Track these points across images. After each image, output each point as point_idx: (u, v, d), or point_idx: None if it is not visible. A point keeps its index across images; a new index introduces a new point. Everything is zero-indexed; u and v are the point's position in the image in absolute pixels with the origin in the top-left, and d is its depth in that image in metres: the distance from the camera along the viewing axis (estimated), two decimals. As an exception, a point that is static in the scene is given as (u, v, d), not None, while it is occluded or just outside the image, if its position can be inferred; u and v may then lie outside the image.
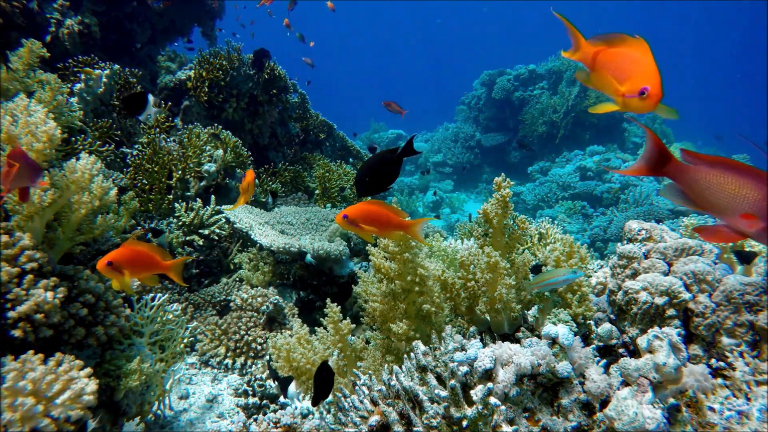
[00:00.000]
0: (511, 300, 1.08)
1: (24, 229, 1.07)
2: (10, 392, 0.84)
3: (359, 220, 1.05)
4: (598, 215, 5.42)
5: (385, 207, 1.07)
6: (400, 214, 1.06)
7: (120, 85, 2.80)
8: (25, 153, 0.96)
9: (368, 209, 1.06)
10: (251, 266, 2.35)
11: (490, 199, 1.19)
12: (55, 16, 2.94)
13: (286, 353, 1.31)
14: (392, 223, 1.05)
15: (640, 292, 1.04)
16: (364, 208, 1.06)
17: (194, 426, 1.59)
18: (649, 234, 1.18)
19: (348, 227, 1.06)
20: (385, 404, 0.93)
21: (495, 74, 8.07)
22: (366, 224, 1.05)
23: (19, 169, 0.92)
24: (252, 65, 3.32)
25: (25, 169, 0.94)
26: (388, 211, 1.06)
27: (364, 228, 1.05)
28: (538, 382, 0.96)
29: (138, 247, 1.07)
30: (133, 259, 1.05)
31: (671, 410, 0.90)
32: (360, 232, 1.07)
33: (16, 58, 1.79)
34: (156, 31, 3.72)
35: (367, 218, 1.05)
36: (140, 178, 2.47)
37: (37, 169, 0.97)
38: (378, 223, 1.05)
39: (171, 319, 1.53)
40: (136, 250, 1.06)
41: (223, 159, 2.73)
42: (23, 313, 0.98)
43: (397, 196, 6.07)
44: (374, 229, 1.05)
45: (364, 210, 1.06)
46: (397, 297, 1.21)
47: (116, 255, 1.03)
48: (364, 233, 1.07)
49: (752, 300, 0.96)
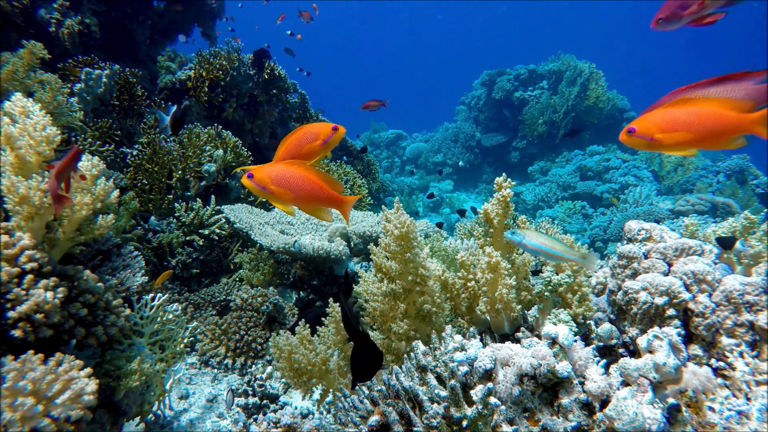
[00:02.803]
0: (512, 300, 1.08)
1: (24, 229, 1.07)
2: (10, 392, 0.84)
3: (270, 182, 0.84)
4: (598, 215, 5.42)
5: (314, 173, 0.87)
6: (335, 186, 0.87)
7: (120, 85, 2.80)
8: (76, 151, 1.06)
9: (286, 171, 0.84)
10: (251, 266, 2.35)
11: (490, 199, 1.19)
12: (55, 16, 2.94)
13: (288, 353, 1.31)
14: (321, 194, 0.86)
15: (640, 292, 1.04)
16: (281, 168, 0.85)
17: (194, 426, 1.59)
18: (649, 234, 1.18)
19: (254, 189, 0.85)
20: (385, 404, 0.93)
21: (495, 74, 8.07)
22: (280, 188, 0.84)
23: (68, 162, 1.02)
24: (252, 65, 3.32)
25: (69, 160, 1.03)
26: (317, 178, 0.86)
27: (275, 193, 0.84)
28: (538, 382, 0.96)
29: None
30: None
31: (671, 410, 0.90)
32: (271, 198, 0.87)
33: (17, 59, 1.79)
34: (156, 31, 3.72)
35: (282, 181, 0.84)
36: (140, 178, 2.47)
37: (77, 157, 1.06)
38: (299, 189, 0.85)
39: (171, 319, 1.53)
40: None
41: (223, 159, 2.73)
42: (23, 313, 0.98)
43: (397, 195, 6.07)
44: (289, 194, 0.85)
45: (280, 171, 0.84)
46: (397, 297, 1.21)
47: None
48: (277, 200, 0.86)
49: (752, 300, 0.96)
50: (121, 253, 1.45)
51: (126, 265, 1.43)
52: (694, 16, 1.02)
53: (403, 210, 1.19)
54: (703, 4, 1.00)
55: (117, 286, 1.36)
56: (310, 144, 0.98)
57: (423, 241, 1.30)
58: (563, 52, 7.61)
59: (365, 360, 0.85)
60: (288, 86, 3.66)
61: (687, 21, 1.04)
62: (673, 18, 1.05)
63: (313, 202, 0.88)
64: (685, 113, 0.82)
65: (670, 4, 1.04)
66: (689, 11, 1.02)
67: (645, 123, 0.86)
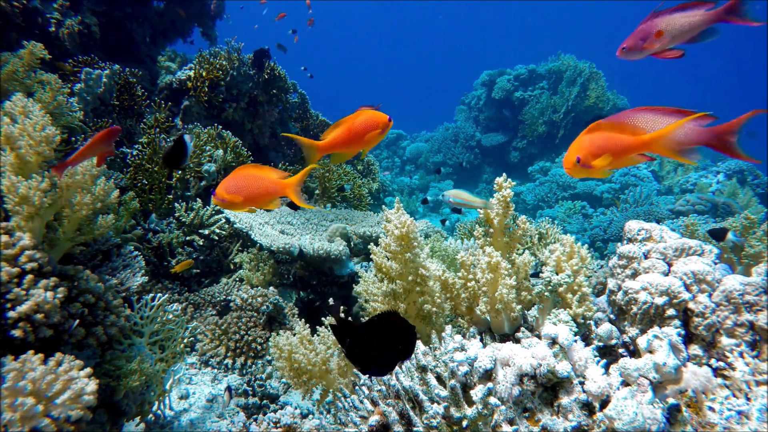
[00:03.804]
0: (512, 300, 1.08)
1: (24, 229, 1.07)
2: (10, 392, 0.84)
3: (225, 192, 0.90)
4: (598, 215, 5.42)
5: (253, 167, 0.94)
6: (278, 173, 0.93)
7: (120, 85, 2.80)
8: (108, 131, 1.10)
9: (233, 176, 0.91)
10: (251, 266, 2.35)
11: (491, 199, 1.19)
12: (55, 16, 2.94)
13: (288, 353, 1.31)
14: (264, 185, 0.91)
15: (640, 292, 1.04)
16: (229, 176, 0.92)
17: (194, 426, 1.59)
18: (649, 234, 1.18)
19: (219, 204, 0.93)
20: (385, 404, 0.93)
21: (495, 74, 8.07)
22: (232, 194, 0.90)
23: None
24: (252, 65, 3.32)
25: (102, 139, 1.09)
26: (257, 171, 0.92)
27: (230, 200, 0.91)
28: (538, 382, 0.96)
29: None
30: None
31: (671, 410, 0.90)
32: (231, 207, 0.94)
33: (17, 59, 1.79)
34: (156, 31, 3.72)
35: (232, 188, 0.91)
36: (140, 178, 2.47)
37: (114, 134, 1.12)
38: (245, 188, 0.90)
39: (171, 319, 1.53)
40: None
41: (223, 159, 2.73)
42: (23, 313, 0.98)
43: (397, 195, 6.06)
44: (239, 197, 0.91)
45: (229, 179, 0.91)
46: (397, 297, 1.21)
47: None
48: (236, 207, 0.93)
49: (752, 300, 0.96)
50: (121, 253, 1.45)
51: (126, 265, 1.43)
52: (654, 50, 1.10)
53: (403, 210, 1.19)
54: (659, 39, 1.07)
55: (117, 286, 1.36)
56: (372, 132, 1.03)
57: (423, 241, 1.30)
58: (563, 52, 7.61)
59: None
60: (288, 86, 3.66)
61: (649, 53, 1.11)
62: (635, 49, 1.11)
63: (262, 196, 0.93)
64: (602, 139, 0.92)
65: (635, 34, 1.11)
66: (647, 46, 1.09)
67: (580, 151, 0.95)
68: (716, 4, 1.02)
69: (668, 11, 1.06)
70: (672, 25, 1.05)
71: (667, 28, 1.06)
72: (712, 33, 1.04)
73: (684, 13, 1.04)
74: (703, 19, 1.03)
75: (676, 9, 1.05)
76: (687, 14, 1.04)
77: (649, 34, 1.08)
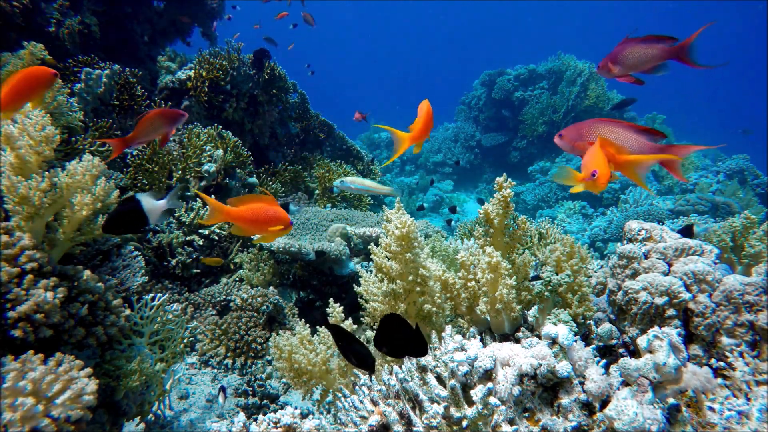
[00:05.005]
0: (512, 300, 1.08)
1: (24, 229, 1.07)
2: (10, 392, 0.84)
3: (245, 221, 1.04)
4: (598, 215, 5.42)
5: (259, 199, 1.05)
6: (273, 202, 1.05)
7: (120, 85, 2.80)
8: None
9: (248, 209, 1.05)
10: (251, 266, 2.35)
11: (491, 198, 1.19)
12: (56, 16, 2.94)
13: (288, 354, 1.31)
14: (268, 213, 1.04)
15: (640, 292, 1.04)
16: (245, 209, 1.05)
17: (194, 426, 1.59)
18: (649, 234, 1.18)
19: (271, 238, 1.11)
20: (385, 404, 0.93)
21: (495, 74, 8.07)
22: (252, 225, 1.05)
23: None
24: (252, 65, 3.32)
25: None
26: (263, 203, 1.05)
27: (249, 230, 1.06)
28: (538, 382, 0.96)
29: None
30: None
31: (671, 410, 0.90)
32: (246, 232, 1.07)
33: (17, 59, 1.79)
34: (156, 30, 3.72)
35: (251, 219, 1.04)
36: (140, 178, 2.47)
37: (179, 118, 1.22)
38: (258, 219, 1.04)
39: (171, 319, 1.53)
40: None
41: (223, 159, 2.73)
42: (23, 313, 0.98)
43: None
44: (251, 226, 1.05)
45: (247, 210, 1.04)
46: (398, 297, 1.21)
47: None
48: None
49: (752, 300, 0.96)
50: (121, 253, 1.45)
51: (126, 265, 1.43)
52: (614, 75, 1.22)
53: (404, 210, 1.19)
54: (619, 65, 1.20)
55: (117, 286, 1.36)
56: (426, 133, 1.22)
57: (423, 242, 1.29)
58: (563, 52, 7.61)
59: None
60: (288, 86, 3.66)
61: (614, 76, 1.23)
62: (604, 71, 1.23)
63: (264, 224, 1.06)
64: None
65: (607, 57, 1.22)
66: (611, 70, 1.21)
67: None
68: (674, 43, 1.11)
69: (636, 40, 1.16)
70: (634, 54, 1.16)
71: (629, 56, 1.17)
72: (665, 68, 1.15)
73: (647, 45, 1.15)
74: (659, 53, 1.13)
75: (642, 40, 1.16)
76: (648, 46, 1.15)
77: (615, 59, 1.19)
